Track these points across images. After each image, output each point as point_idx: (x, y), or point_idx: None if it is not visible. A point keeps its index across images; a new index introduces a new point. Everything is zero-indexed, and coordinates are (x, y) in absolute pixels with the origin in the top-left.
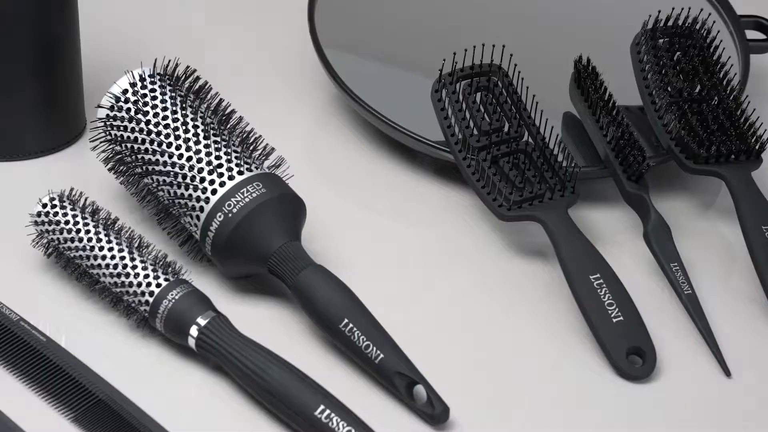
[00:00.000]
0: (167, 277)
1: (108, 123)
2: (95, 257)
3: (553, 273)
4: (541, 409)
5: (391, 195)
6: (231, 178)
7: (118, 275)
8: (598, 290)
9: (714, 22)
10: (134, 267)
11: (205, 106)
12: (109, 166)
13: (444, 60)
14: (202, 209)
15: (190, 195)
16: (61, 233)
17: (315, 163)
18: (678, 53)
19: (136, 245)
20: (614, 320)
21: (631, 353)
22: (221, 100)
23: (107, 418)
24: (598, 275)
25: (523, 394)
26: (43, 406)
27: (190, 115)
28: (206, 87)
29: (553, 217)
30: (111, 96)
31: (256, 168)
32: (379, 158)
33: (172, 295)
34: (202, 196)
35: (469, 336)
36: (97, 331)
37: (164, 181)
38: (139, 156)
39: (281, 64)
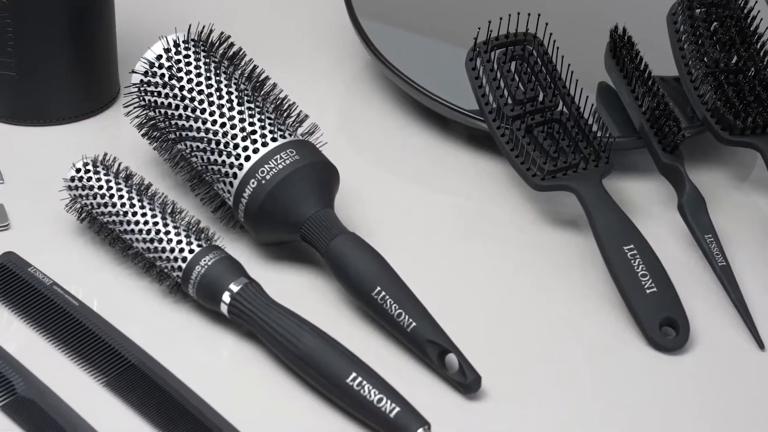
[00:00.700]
0: (200, 243)
1: (142, 88)
2: (128, 222)
3: (587, 243)
4: (573, 379)
5: (423, 164)
6: (264, 144)
7: (151, 241)
8: (632, 261)
9: None
10: (167, 233)
11: (239, 72)
12: (143, 131)
13: (479, 28)
14: (235, 176)
15: (224, 161)
16: (95, 198)
17: (348, 130)
18: (715, 23)
19: (169, 211)
20: (648, 291)
21: (664, 324)
22: (255, 67)
23: (139, 382)
24: (632, 246)
25: (555, 365)
26: (76, 371)
27: (224, 82)
28: (240, 53)
29: (587, 187)
30: (145, 61)
31: (290, 135)
32: (412, 126)
33: (204, 261)
34: (236, 163)
35: (501, 305)
36: (129, 296)
37: (197, 147)
38: (173, 122)
39: (315, 31)
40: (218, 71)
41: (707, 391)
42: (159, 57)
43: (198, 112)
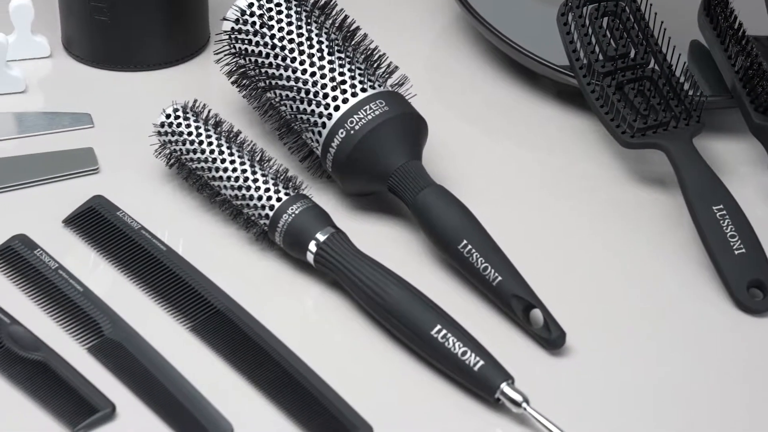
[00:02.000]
0: (288, 191)
1: (232, 36)
2: (217, 169)
3: (674, 202)
4: (658, 338)
5: (511, 118)
6: (354, 95)
7: (239, 188)
8: (721, 221)
9: None
10: (255, 180)
11: (330, 21)
12: (232, 79)
13: None
14: (324, 125)
15: (313, 111)
16: (184, 144)
17: (436, 83)
18: None
19: (257, 159)
20: (736, 252)
21: (752, 286)
22: (346, 17)
23: (224, 328)
24: (721, 206)
25: (639, 323)
26: (162, 315)
27: (315, 31)
28: (331, 3)
29: (677, 145)
30: (236, 9)
31: (380, 86)
32: (500, 80)
33: (292, 209)
34: (325, 112)
35: (587, 262)
36: (216, 242)
37: (287, 95)
38: (263, 70)
39: None
40: (309, 20)
41: None
42: (250, 5)
43: (288, 61)
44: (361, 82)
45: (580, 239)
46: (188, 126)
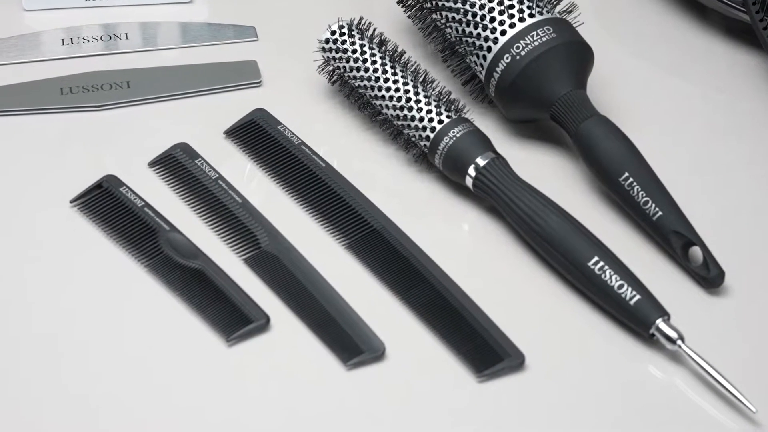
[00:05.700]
0: (449, 114)
1: None
2: (379, 88)
3: None
4: None
5: (678, 52)
6: (521, 20)
7: (401, 108)
8: None
9: None
10: (418, 101)
11: None
12: None
13: None
14: (489, 49)
15: (479, 34)
16: (348, 62)
17: (603, 12)
18: None
19: (420, 80)
20: None
21: None
22: None
23: (380, 248)
24: None
25: None
26: (318, 230)
27: None
28: None
29: None
30: None
31: (548, 12)
32: (668, 13)
33: (453, 132)
34: (491, 36)
35: (748, 202)
36: (374, 162)
37: (453, 17)
38: None
39: None
40: None
41: None
42: None
43: None
44: (529, 7)
45: (744, 178)
46: (353, 43)
